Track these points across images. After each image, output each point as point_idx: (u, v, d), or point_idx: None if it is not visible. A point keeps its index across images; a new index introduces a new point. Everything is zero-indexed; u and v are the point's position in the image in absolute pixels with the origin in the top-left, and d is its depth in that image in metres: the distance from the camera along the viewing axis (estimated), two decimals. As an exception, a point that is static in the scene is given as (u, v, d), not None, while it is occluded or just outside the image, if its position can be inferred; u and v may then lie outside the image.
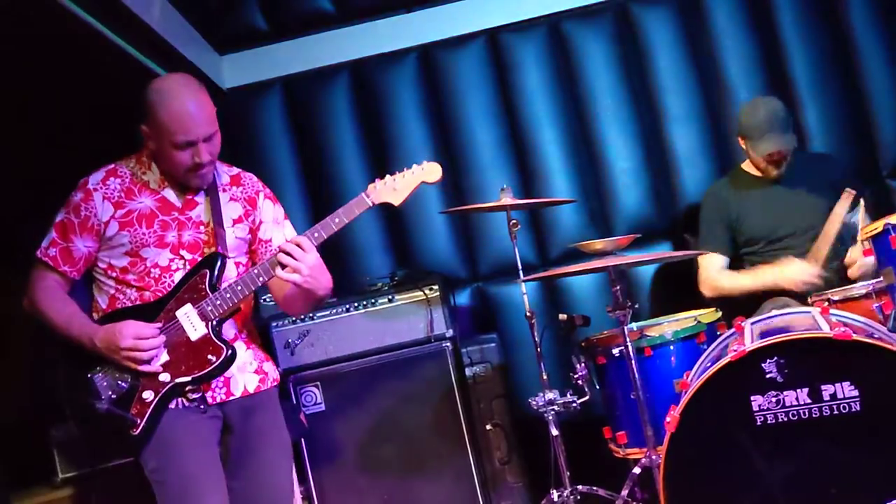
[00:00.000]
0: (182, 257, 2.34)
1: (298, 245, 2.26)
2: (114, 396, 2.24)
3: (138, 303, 2.31)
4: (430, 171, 2.42)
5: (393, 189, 2.38)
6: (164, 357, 2.26)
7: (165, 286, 2.32)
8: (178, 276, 2.33)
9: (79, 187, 2.35)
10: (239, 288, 2.30)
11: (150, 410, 2.23)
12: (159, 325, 2.27)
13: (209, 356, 2.27)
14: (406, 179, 2.39)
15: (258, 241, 2.48)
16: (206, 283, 2.30)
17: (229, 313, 2.32)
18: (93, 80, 2.97)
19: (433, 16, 3.97)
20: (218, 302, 2.29)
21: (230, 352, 2.28)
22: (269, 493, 2.37)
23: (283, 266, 2.27)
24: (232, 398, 2.36)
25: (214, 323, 2.29)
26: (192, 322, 2.28)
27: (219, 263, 2.32)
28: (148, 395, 2.24)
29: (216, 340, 2.28)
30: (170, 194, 2.37)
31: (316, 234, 2.32)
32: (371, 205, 2.37)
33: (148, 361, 2.24)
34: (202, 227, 2.38)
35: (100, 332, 2.24)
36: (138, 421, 2.22)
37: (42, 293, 2.33)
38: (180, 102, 2.25)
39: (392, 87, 3.97)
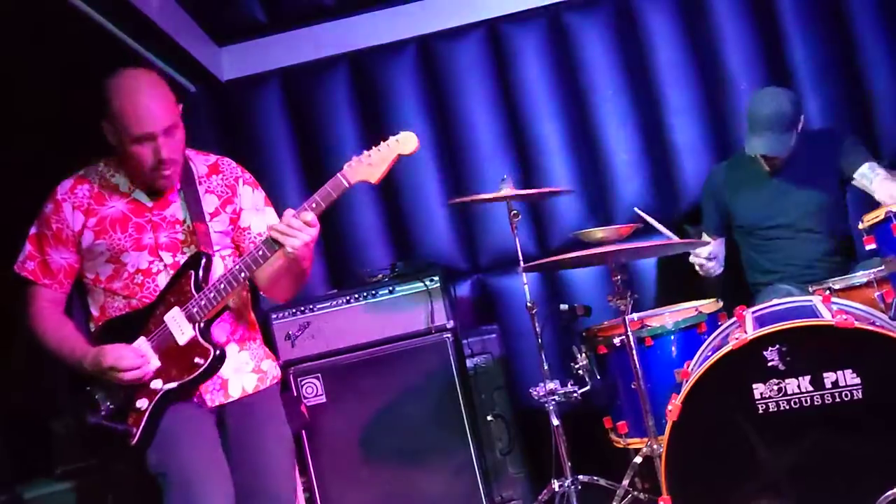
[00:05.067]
0: (161, 259, 2.28)
1: (306, 223, 2.17)
2: (112, 406, 2.21)
3: (127, 311, 2.27)
4: (405, 142, 2.28)
5: (368, 165, 2.26)
6: (156, 363, 2.21)
7: (151, 291, 2.27)
8: (161, 280, 2.27)
9: (49, 198, 2.30)
10: (222, 286, 2.22)
11: (145, 419, 2.19)
12: (149, 334, 2.22)
13: (196, 359, 2.21)
14: (381, 153, 2.27)
15: (238, 230, 2.39)
16: (192, 284, 2.23)
17: (216, 313, 2.26)
18: (91, 72, 2.96)
19: (432, 6, 3.95)
20: (203, 302, 2.21)
21: (218, 353, 2.22)
22: (270, 490, 2.31)
23: (279, 244, 2.17)
24: (230, 400, 2.32)
25: (202, 324, 2.22)
26: (179, 325, 2.22)
27: (203, 262, 2.25)
28: (142, 403, 2.20)
29: (203, 342, 2.21)
30: (141, 196, 2.30)
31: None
32: (348, 185, 2.25)
33: (138, 376, 2.18)
34: (178, 227, 2.31)
35: (88, 356, 2.20)
36: (133, 430, 2.18)
37: (35, 315, 2.28)
38: (135, 92, 2.18)
39: (391, 79, 3.96)
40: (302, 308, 3.33)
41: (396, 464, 3.25)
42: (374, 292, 3.33)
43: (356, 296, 3.33)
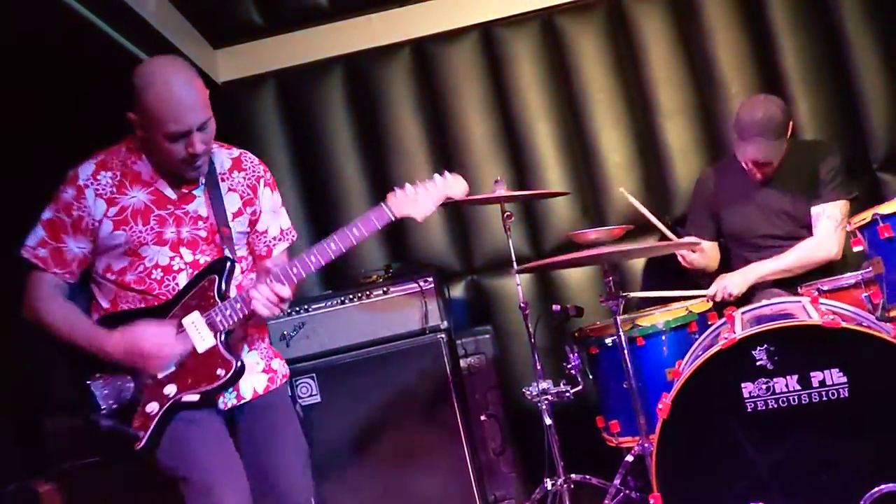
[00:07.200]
0: (182, 256, 2.21)
1: (278, 295, 2.16)
2: (115, 406, 2.13)
3: (142, 306, 2.18)
4: (455, 185, 2.29)
5: (415, 202, 2.24)
6: (171, 367, 2.14)
7: (169, 289, 2.19)
8: (181, 279, 2.20)
9: (68, 182, 2.16)
10: (257, 287, 2.17)
11: (153, 424, 2.11)
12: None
13: (218, 370, 2.15)
14: (429, 192, 2.26)
15: (255, 233, 2.36)
16: (215, 291, 2.17)
17: (239, 324, 2.21)
18: (87, 73, 2.98)
19: (427, 10, 3.99)
20: (228, 312, 2.16)
21: (239, 364, 2.17)
22: (286, 490, 2.25)
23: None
24: (243, 401, 2.28)
25: (223, 334, 2.17)
26: (199, 332, 2.15)
27: (227, 268, 2.19)
28: (152, 407, 2.12)
29: (225, 353, 2.16)
30: (163, 186, 2.21)
31: (334, 246, 2.22)
32: (393, 218, 2.23)
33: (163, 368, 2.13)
34: (200, 223, 2.23)
35: (114, 336, 2.11)
36: (141, 434, 2.11)
37: (40, 300, 2.17)
38: (169, 88, 2.05)
39: (386, 81, 3.99)
40: (297, 308, 3.34)
41: (390, 463, 3.26)
42: (368, 293, 3.35)
43: (351, 296, 3.35)
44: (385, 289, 3.35)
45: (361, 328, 3.32)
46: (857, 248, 2.57)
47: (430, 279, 3.34)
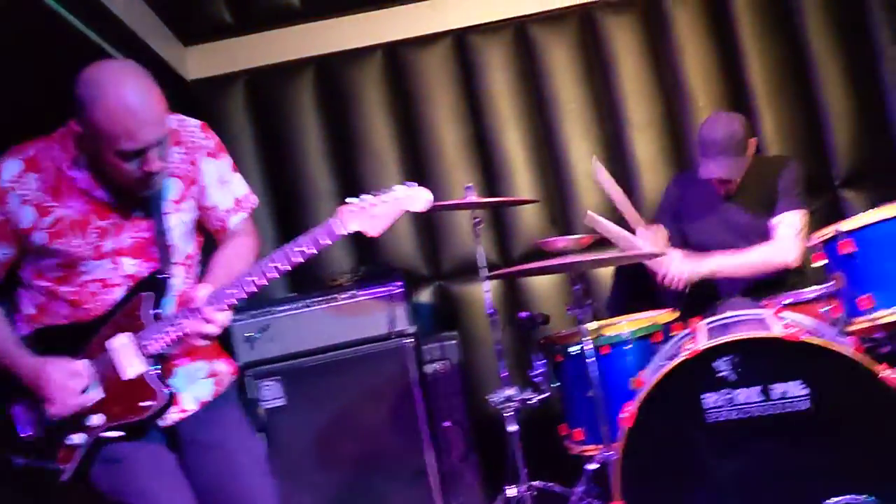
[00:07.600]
0: (122, 266, 2.00)
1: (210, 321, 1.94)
2: (34, 435, 1.97)
3: (72, 320, 1.99)
4: (416, 199, 2.01)
5: (371, 217, 1.98)
6: (98, 393, 1.95)
7: (105, 303, 1.99)
8: (117, 293, 1.99)
9: None
10: (182, 323, 1.96)
11: (79, 456, 1.94)
12: (93, 357, 1.97)
13: (143, 402, 1.95)
14: (388, 206, 1.99)
15: (203, 210, 2.11)
16: (144, 310, 1.97)
17: (169, 350, 2.01)
18: (54, 68, 2.92)
19: (400, 14, 3.99)
20: (157, 336, 1.95)
21: (168, 395, 1.97)
22: (250, 497, 2.08)
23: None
24: (189, 413, 2.08)
25: (153, 360, 1.97)
26: (128, 356, 1.95)
27: (161, 285, 2.00)
28: (76, 438, 1.94)
29: (152, 382, 1.96)
30: (102, 194, 1.97)
31: (279, 266, 1.97)
32: (342, 235, 1.99)
33: (77, 409, 1.94)
34: (143, 224, 2.01)
35: (25, 367, 1.94)
36: (63, 467, 1.94)
37: None
38: (122, 100, 1.80)
39: (357, 84, 3.98)
40: (262, 310, 3.32)
41: (354, 468, 3.25)
42: (335, 296, 3.33)
43: (317, 299, 3.32)
44: (352, 292, 3.33)
45: (327, 331, 3.30)
46: (817, 264, 2.62)
47: (398, 284, 3.33)
